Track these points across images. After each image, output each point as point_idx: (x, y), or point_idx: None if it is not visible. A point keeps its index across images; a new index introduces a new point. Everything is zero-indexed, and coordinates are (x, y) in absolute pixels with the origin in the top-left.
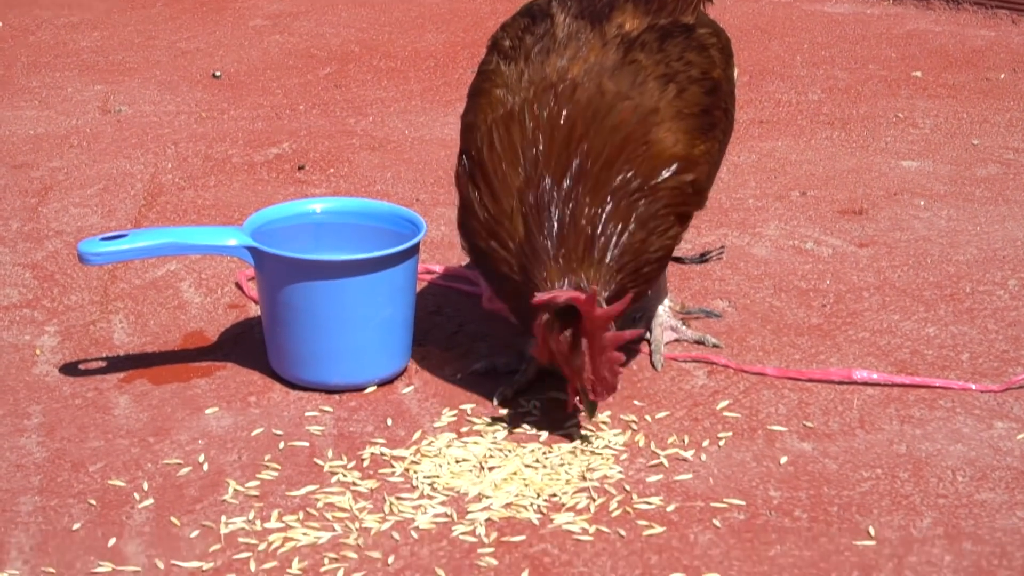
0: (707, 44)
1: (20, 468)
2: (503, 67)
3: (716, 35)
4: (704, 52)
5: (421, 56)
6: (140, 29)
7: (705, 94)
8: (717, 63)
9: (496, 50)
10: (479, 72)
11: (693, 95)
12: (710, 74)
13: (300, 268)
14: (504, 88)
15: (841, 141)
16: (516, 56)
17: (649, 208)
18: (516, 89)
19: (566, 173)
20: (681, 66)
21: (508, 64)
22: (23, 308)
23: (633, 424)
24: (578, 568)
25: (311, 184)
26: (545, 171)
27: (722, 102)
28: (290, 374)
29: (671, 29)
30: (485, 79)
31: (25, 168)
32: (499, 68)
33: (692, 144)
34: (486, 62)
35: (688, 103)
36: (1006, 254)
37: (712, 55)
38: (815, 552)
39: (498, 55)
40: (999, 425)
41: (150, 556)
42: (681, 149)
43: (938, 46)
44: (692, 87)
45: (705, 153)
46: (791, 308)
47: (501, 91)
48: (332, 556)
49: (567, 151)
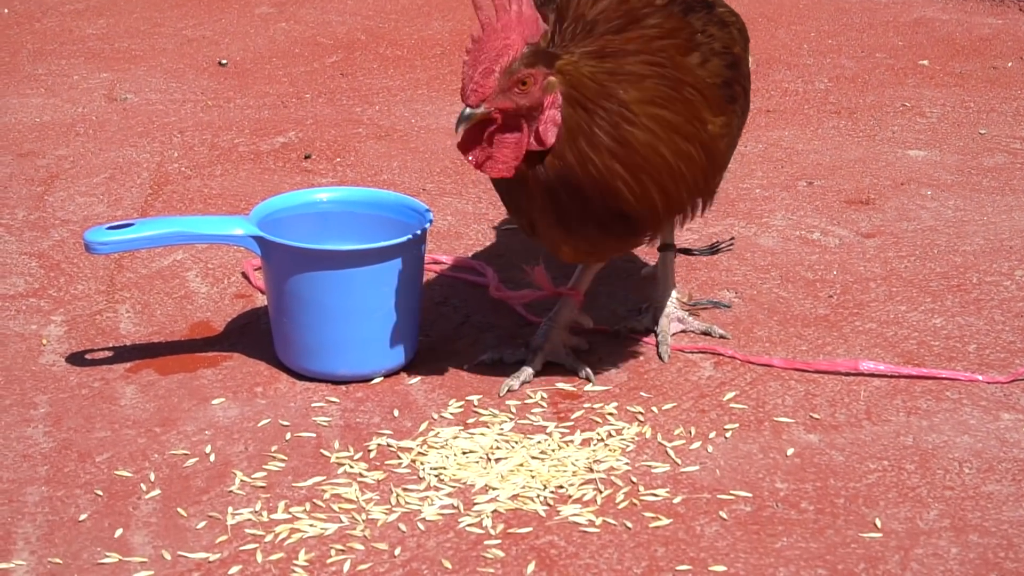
0: (728, 21)
1: (27, 458)
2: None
3: (734, 16)
4: (725, 28)
5: (427, 44)
6: (146, 16)
7: (727, 67)
8: (737, 40)
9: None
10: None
11: (715, 66)
12: (731, 49)
13: (306, 258)
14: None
15: (848, 130)
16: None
17: (664, 87)
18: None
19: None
20: (704, 38)
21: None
22: (29, 297)
23: (640, 416)
24: (584, 560)
25: (317, 173)
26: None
27: (742, 78)
28: (296, 364)
29: (693, 4)
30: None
31: (31, 156)
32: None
33: (713, 112)
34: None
35: (711, 73)
36: (1013, 244)
37: (732, 32)
38: (821, 544)
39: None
40: (1006, 417)
41: (157, 547)
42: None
43: (945, 34)
44: (714, 59)
45: (725, 125)
46: (798, 299)
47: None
48: (339, 547)
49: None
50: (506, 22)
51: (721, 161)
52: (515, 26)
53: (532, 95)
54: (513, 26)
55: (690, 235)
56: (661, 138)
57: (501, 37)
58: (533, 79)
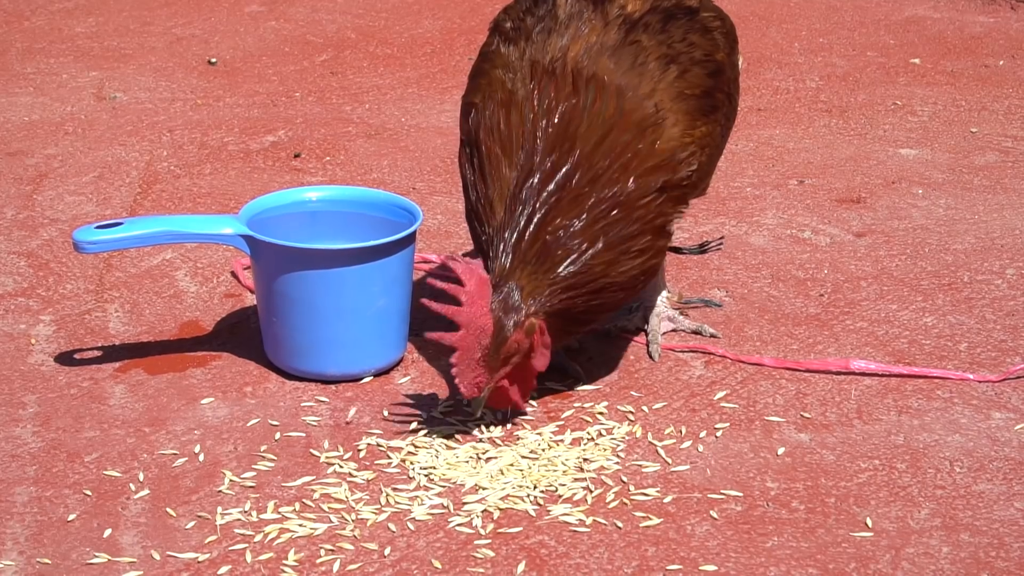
0: (711, 27)
1: (15, 458)
2: (503, 49)
3: (720, 19)
4: (708, 34)
5: (418, 43)
6: (135, 15)
7: (708, 76)
8: (721, 46)
9: (497, 32)
10: (480, 54)
11: (695, 76)
12: (713, 56)
13: (296, 257)
14: (504, 69)
15: (839, 129)
16: (517, 37)
17: (624, 228)
18: (517, 70)
19: (553, 173)
20: (684, 47)
21: (509, 46)
22: (18, 297)
23: (630, 415)
24: (575, 560)
25: (307, 172)
26: (534, 164)
27: (725, 85)
28: (286, 364)
29: (674, 11)
30: (486, 60)
31: (20, 155)
32: (499, 50)
33: (692, 125)
34: (487, 44)
35: (690, 84)
36: (1004, 243)
37: (716, 38)
38: (812, 543)
39: (499, 37)
40: (997, 415)
41: (146, 547)
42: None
43: (936, 33)
44: (694, 68)
45: (706, 135)
46: (789, 298)
47: (501, 72)
48: (328, 547)
49: (559, 149)
50: (471, 290)
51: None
52: (478, 292)
53: (523, 348)
54: (476, 293)
55: (681, 234)
56: (634, 265)
57: (475, 323)
58: (517, 343)
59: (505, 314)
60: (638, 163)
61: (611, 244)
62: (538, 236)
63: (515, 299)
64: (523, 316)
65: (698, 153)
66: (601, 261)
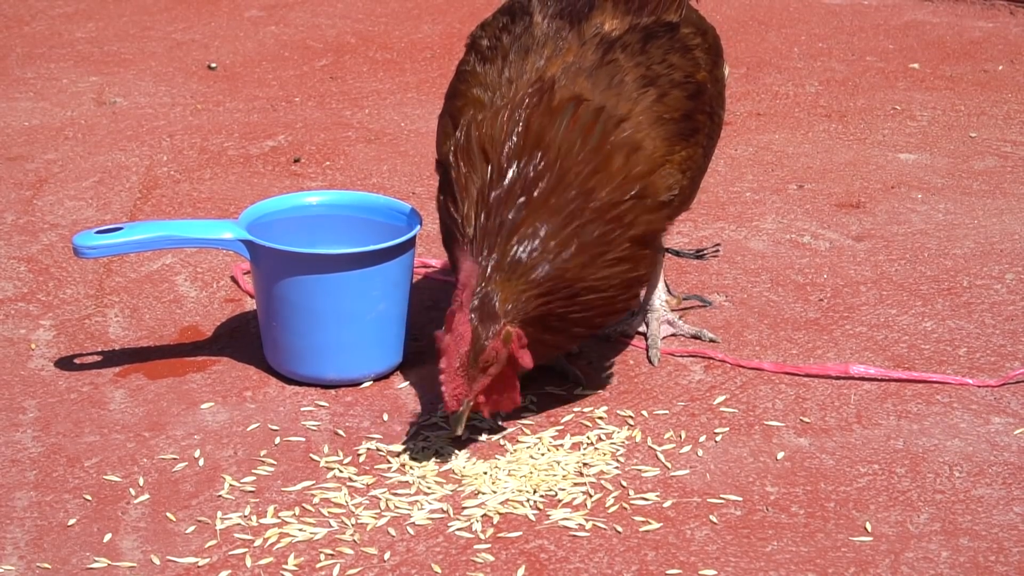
0: (691, 45)
1: (15, 463)
2: (480, 68)
3: (702, 34)
4: (688, 54)
5: (417, 48)
6: (135, 20)
7: (687, 98)
8: (702, 65)
9: (474, 49)
10: (457, 72)
11: (675, 99)
12: (694, 77)
13: (296, 261)
14: (480, 88)
15: (838, 134)
16: (494, 56)
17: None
18: (495, 89)
19: (524, 179)
20: (663, 69)
21: (485, 65)
22: (18, 302)
23: (630, 420)
24: (574, 564)
25: (307, 177)
26: (506, 173)
27: (706, 105)
28: (286, 369)
29: (654, 29)
30: (462, 81)
31: (20, 160)
32: (476, 69)
33: (671, 150)
34: (464, 62)
35: (669, 108)
36: (1004, 248)
37: (696, 56)
38: (812, 548)
39: (475, 55)
40: (996, 420)
41: (146, 552)
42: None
43: (936, 38)
44: (674, 91)
45: (686, 159)
46: (788, 302)
47: (478, 91)
48: (328, 552)
49: (531, 157)
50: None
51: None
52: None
53: (501, 359)
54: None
55: (680, 238)
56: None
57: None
58: (495, 351)
59: (482, 322)
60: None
61: (584, 247)
62: (510, 240)
63: (492, 306)
64: (500, 324)
65: (680, 178)
66: (575, 264)
